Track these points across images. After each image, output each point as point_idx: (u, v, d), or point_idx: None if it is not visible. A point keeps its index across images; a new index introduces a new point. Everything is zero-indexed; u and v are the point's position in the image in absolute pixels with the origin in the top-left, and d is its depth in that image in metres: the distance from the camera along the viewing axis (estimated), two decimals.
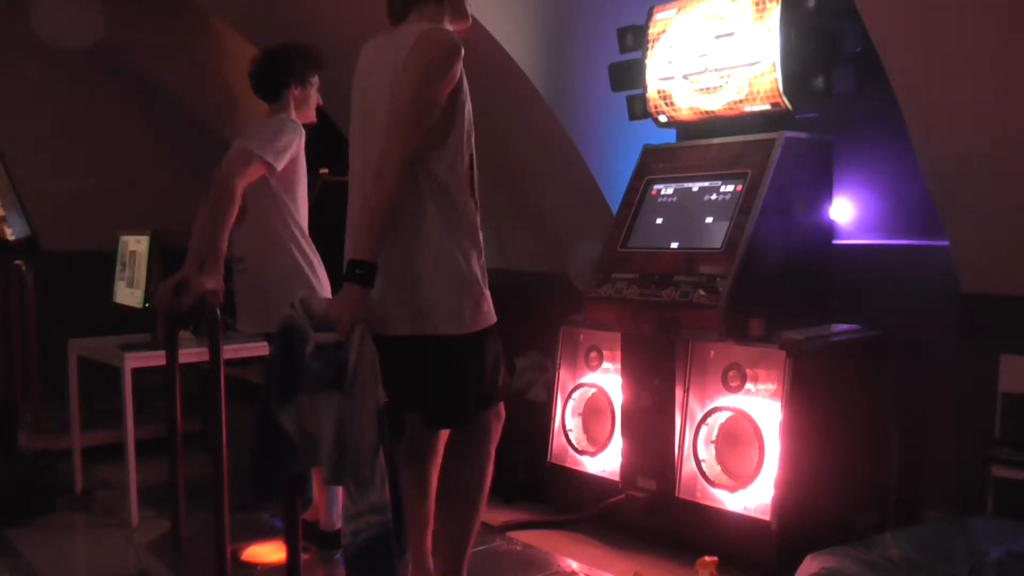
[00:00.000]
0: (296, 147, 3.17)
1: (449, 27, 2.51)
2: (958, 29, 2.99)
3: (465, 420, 2.56)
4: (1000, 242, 3.36)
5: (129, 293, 4.56)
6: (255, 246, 3.23)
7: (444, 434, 2.66)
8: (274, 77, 3.28)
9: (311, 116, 3.39)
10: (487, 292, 2.50)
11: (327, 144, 4.49)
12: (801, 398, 3.33)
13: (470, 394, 2.51)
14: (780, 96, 3.65)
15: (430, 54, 2.33)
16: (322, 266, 3.26)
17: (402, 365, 2.44)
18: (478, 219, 2.52)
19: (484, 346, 2.50)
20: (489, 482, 2.64)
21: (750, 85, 3.72)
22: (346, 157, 2.61)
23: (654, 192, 4.05)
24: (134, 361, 4.06)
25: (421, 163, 2.37)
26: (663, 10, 4.06)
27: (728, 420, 3.49)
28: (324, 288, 3.23)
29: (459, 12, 2.56)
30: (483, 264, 2.51)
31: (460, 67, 2.39)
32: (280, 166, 3.13)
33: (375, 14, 2.69)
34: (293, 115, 3.28)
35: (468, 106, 2.48)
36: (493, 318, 2.52)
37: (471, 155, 2.50)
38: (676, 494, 3.60)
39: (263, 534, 3.48)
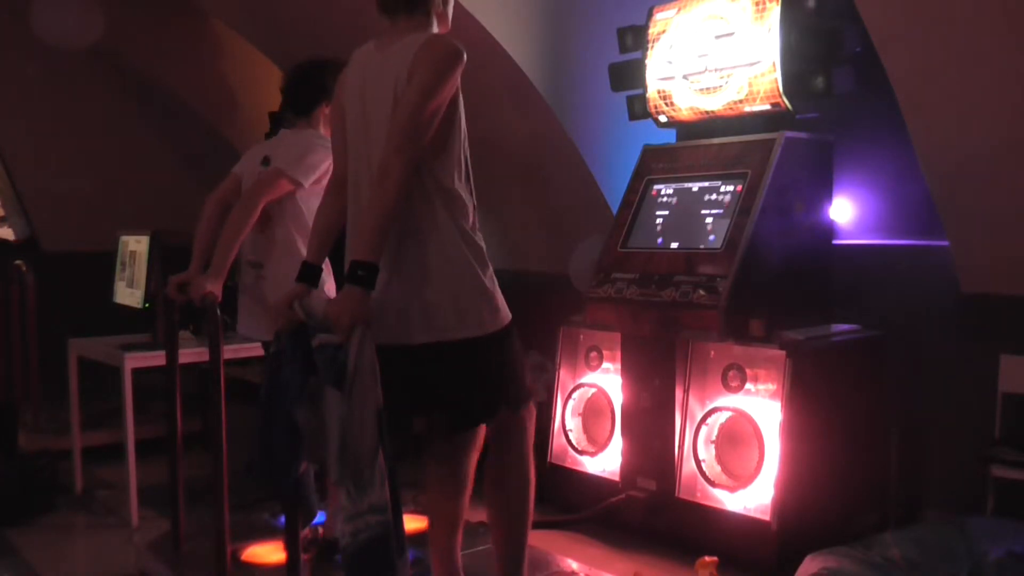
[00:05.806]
0: (327, 164, 3.18)
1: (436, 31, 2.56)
2: (958, 29, 2.99)
3: (491, 416, 2.58)
4: (1000, 242, 3.36)
5: (129, 293, 4.55)
6: (274, 253, 3.24)
7: (480, 433, 2.69)
8: (308, 95, 3.30)
9: None
10: (499, 291, 2.53)
11: None
12: (801, 398, 3.33)
13: (497, 392, 2.55)
14: (780, 96, 3.65)
15: (438, 60, 2.36)
16: (331, 277, 3.26)
17: (427, 371, 2.46)
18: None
19: (505, 344, 2.53)
20: (534, 476, 2.71)
21: (750, 85, 3.72)
22: None
23: (654, 192, 4.05)
24: (134, 361, 4.05)
25: (426, 168, 2.39)
26: (663, 10, 4.06)
27: (728, 420, 3.50)
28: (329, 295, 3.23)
29: (444, 20, 2.60)
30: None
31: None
32: (308, 183, 3.17)
33: (376, 15, 2.69)
34: (321, 130, 3.30)
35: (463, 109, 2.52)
36: (509, 315, 2.55)
37: (467, 157, 2.53)
38: (676, 494, 3.60)
39: (263, 534, 3.48)
